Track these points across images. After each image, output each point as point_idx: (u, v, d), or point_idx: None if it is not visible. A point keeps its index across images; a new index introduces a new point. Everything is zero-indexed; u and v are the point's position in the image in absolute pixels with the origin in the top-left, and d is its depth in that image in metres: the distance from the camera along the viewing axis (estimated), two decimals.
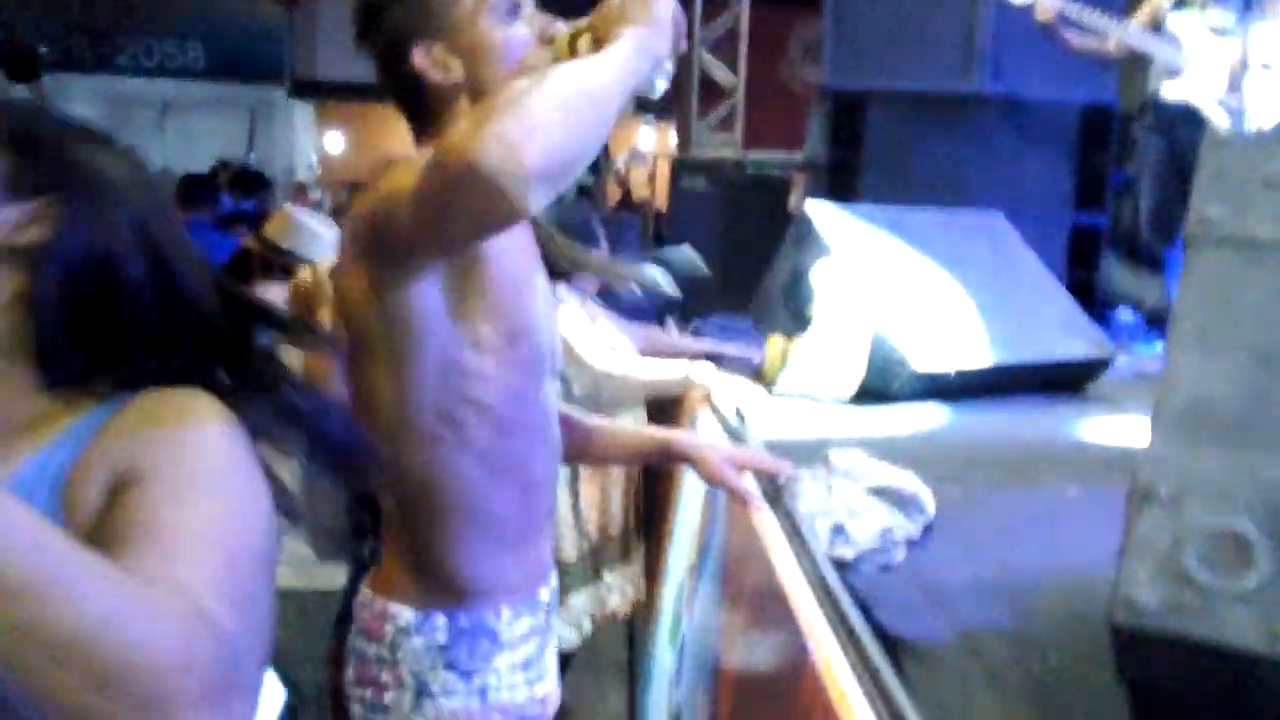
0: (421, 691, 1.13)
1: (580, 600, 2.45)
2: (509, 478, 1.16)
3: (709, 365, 2.43)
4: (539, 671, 1.23)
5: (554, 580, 1.29)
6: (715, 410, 2.07)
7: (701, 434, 2.03)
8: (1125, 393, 2.52)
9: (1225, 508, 0.77)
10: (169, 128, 12.23)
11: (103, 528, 0.65)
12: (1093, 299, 3.97)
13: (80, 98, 12.03)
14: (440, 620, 1.14)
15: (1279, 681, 0.73)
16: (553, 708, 1.27)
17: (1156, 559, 0.78)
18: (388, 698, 1.14)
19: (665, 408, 2.49)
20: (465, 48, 1.18)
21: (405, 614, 1.14)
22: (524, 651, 1.20)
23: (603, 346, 2.39)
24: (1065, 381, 2.54)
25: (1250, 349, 0.82)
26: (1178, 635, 0.75)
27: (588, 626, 2.47)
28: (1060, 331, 2.57)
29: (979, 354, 2.33)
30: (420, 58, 1.18)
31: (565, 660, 2.56)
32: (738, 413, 2.01)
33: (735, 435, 1.91)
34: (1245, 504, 0.76)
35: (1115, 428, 2.13)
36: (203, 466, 0.68)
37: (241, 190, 5.73)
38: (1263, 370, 0.80)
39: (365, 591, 1.19)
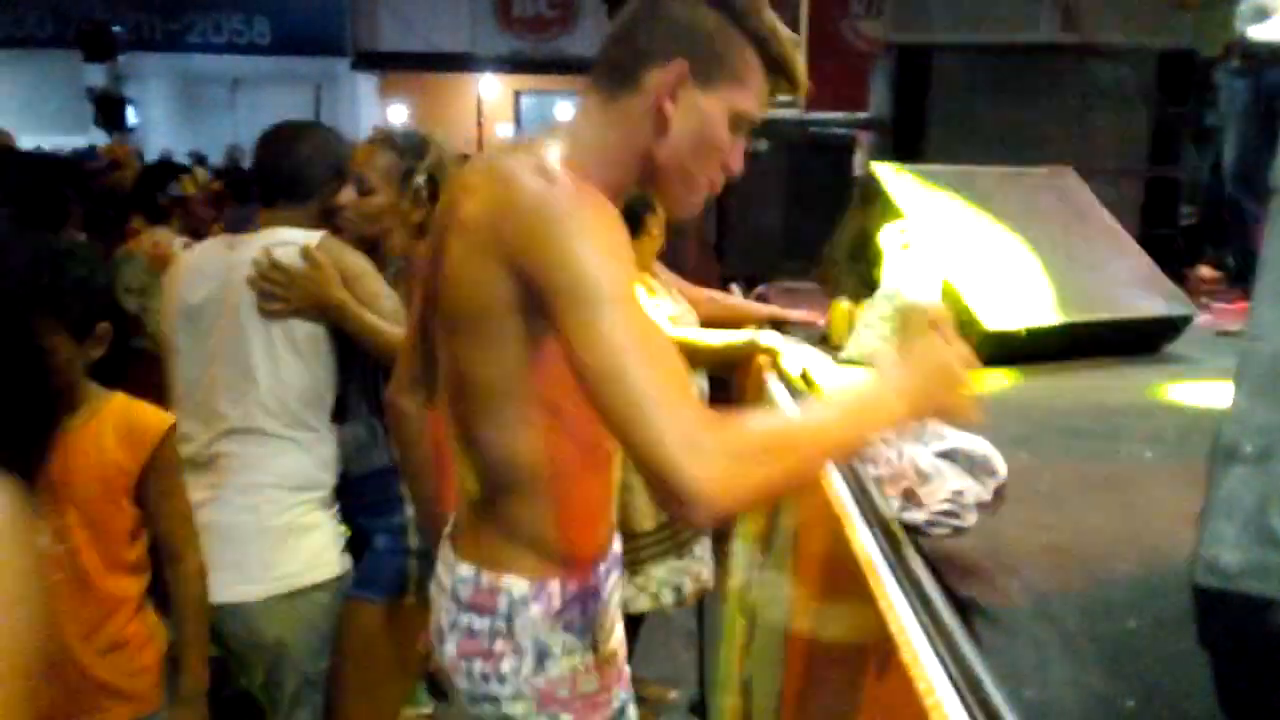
0: (543, 655, 1.21)
1: (661, 571, 2.45)
2: (596, 455, 1.24)
3: (774, 331, 2.42)
4: (617, 617, 1.36)
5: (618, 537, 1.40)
6: (782, 375, 2.07)
7: (768, 400, 2.02)
8: (1206, 352, 2.44)
9: None
10: (238, 103, 12.48)
11: None
12: (1171, 255, 3.85)
13: (153, 76, 12.33)
14: (554, 587, 1.22)
15: None
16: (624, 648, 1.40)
17: (1241, 519, 0.76)
18: (506, 665, 1.21)
19: (730, 373, 2.48)
20: (700, 112, 1.12)
21: (519, 586, 1.21)
22: (614, 602, 1.33)
23: (662, 313, 2.39)
24: (1142, 341, 2.47)
25: None
26: (1264, 597, 0.74)
27: (668, 599, 2.47)
28: (1136, 289, 2.50)
29: (1051, 313, 2.29)
30: (661, 75, 1.11)
31: (634, 627, 2.59)
32: (804, 377, 2.00)
33: (802, 402, 1.90)
34: None
35: (1194, 389, 2.07)
36: None
37: None
38: None
39: (464, 568, 1.24)
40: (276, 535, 1.92)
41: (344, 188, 2.05)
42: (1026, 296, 2.29)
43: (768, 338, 2.23)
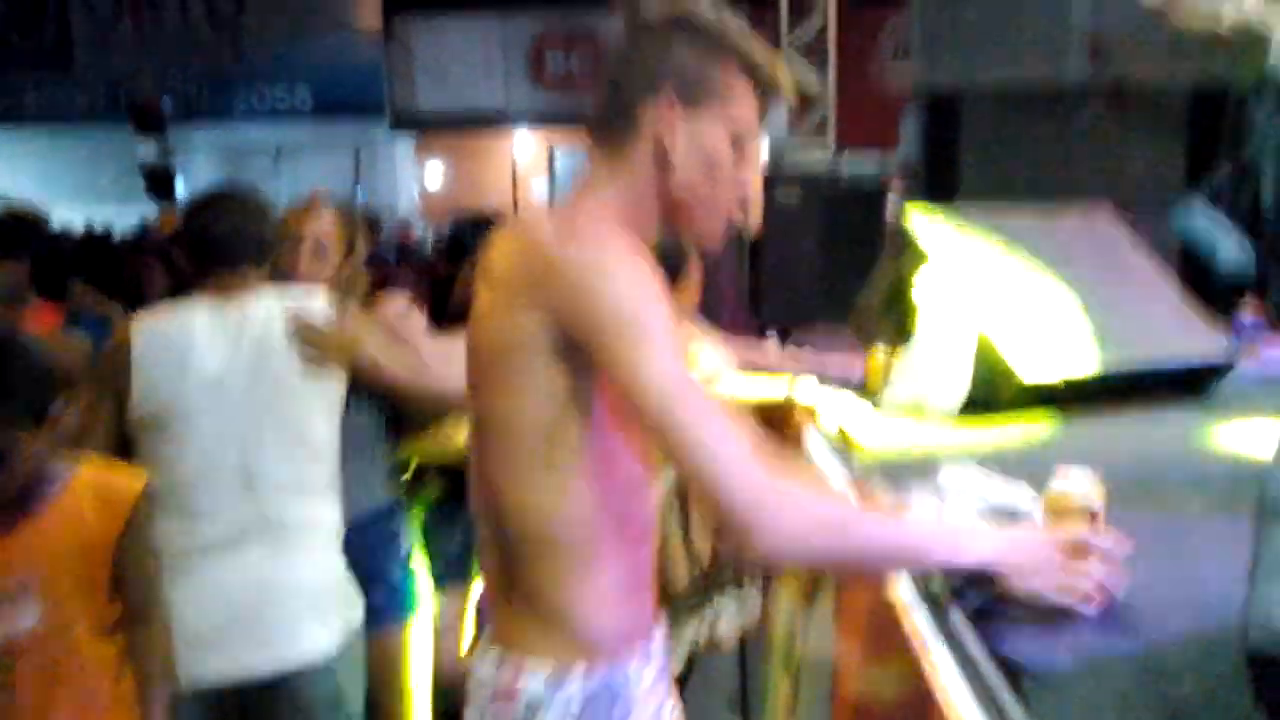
0: None
1: (688, 631, 2.45)
2: (630, 528, 1.18)
3: (811, 381, 2.42)
4: None
5: (664, 624, 1.30)
6: (820, 428, 2.06)
7: (808, 452, 2.02)
8: (1250, 397, 2.39)
9: None
10: (282, 170, 12.81)
11: None
12: (1212, 295, 3.79)
13: (200, 147, 12.70)
14: (576, 675, 1.14)
15: None
16: None
17: None
18: None
19: (770, 426, 2.48)
20: (700, 137, 1.15)
21: (538, 675, 1.14)
22: (652, 704, 1.21)
23: (700, 366, 2.40)
24: (1184, 386, 2.42)
25: None
26: None
27: (683, 652, 2.47)
28: (1176, 333, 2.46)
29: (1089, 360, 2.26)
30: (653, 111, 1.15)
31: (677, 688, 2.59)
32: (841, 435, 1.99)
33: (840, 453, 1.90)
34: None
35: (1240, 434, 2.03)
36: None
37: None
38: None
39: (492, 652, 1.18)
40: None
41: (298, 252, 2.21)
42: (1064, 343, 2.27)
43: (804, 393, 2.23)
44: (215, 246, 2.01)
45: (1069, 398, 2.21)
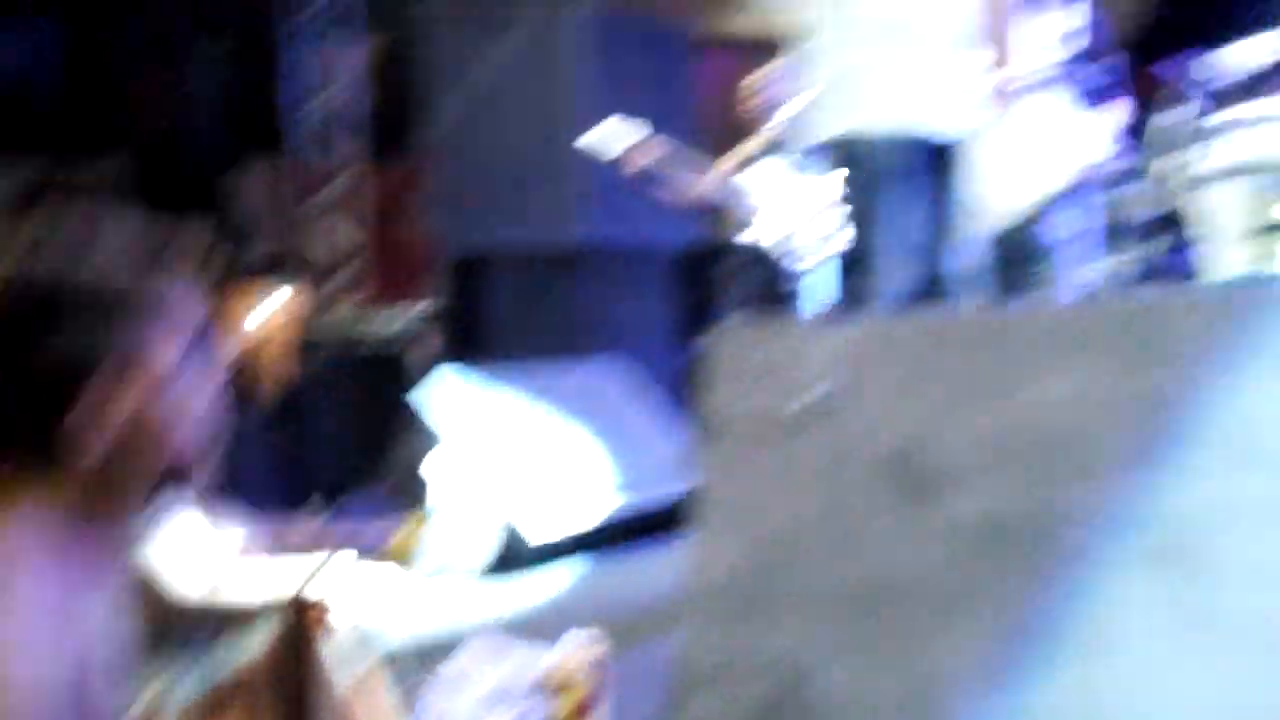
0: None
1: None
2: None
3: (347, 554, 2.29)
4: None
5: None
6: (337, 618, 1.94)
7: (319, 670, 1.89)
8: None
9: (742, 682, 0.80)
10: None
11: None
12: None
13: None
14: None
15: None
16: None
17: None
18: None
19: (291, 621, 2.29)
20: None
21: None
22: None
23: (199, 563, 2.16)
24: (686, 518, 2.67)
25: (753, 527, 0.88)
26: None
27: None
28: (677, 470, 2.71)
29: (599, 509, 2.41)
30: None
31: None
32: (359, 619, 1.89)
33: (358, 644, 1.79)
34: (756, 677, 0.80)
35: None
36: None
37: None
38: (762, 546, 0.87)
39: None
40: None
41: None
42: (575, 495, 2.39)
43: (316, 588, 2.09)
44: None
45: (585, 544, 2.33)
